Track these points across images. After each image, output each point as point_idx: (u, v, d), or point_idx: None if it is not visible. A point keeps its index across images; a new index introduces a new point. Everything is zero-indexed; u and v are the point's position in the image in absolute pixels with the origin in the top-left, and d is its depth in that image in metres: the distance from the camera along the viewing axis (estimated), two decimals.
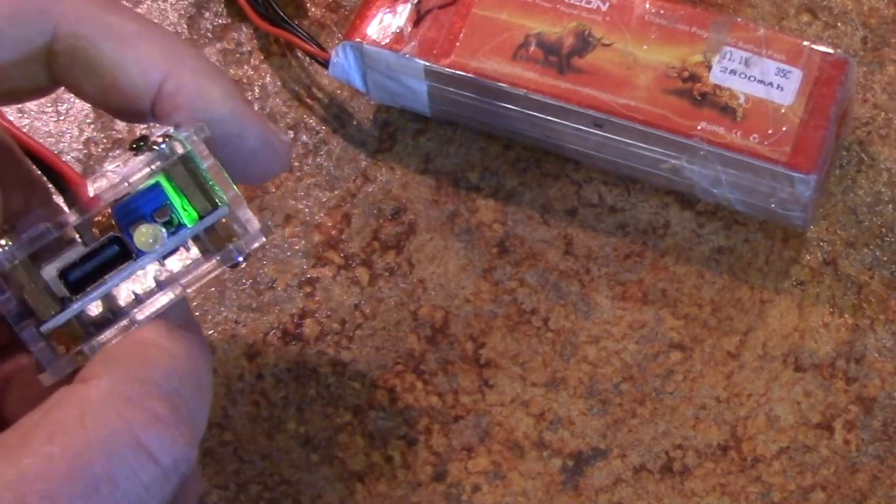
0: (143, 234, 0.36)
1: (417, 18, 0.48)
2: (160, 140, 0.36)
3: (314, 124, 0.51)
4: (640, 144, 0.46)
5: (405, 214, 0.49)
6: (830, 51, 0.46)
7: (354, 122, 0.51)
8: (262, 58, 0.52)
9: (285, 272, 0.48)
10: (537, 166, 0.49)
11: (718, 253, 0.47)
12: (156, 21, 0.51)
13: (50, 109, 0.51)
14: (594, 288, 0.47)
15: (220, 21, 0.53)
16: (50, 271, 0.36)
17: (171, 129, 0.36)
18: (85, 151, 0.51)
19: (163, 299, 0.36)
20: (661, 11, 0.47)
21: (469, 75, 0.47)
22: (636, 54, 0.46)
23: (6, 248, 0.35)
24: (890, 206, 0.48)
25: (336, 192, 0.49)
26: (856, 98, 0.49)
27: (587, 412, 0.46)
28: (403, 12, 0.48)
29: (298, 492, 0.45)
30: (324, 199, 0.49)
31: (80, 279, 0.36)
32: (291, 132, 0.51)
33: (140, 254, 0.36)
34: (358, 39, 0.48)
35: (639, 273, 0.47)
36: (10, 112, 0.51)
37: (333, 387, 0.47)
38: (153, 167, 0.36)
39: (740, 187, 0.46)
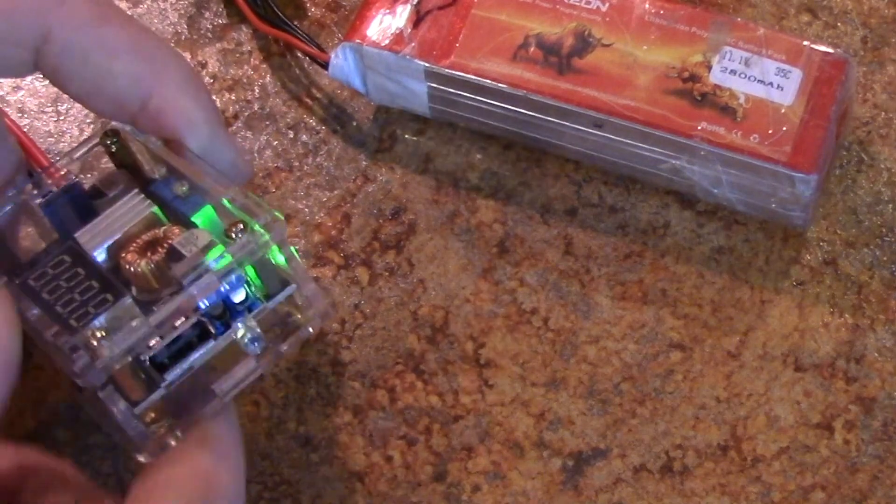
0: (242, 332, 0.38)
1: (417, 19, 0.48)
2: (236, 231, 0.38)
3: (314, 124, 0.51)
4: (640, 145, 0.46)
5: (405, 214, 0.49)
6: (830, 50, 0.46)
7: (354, 122, 0.51)
8: (262, 57, 0.52)
9: None
10: (537, 166, 0.49)
11: (718, 253, 0.47)
12: (151, 28, 0.51)
13: (50, 109, 0.52)
14: (594, 288, 0.47)
15: (219, 21, 0.53)
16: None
17: (248, 224, 0.38)
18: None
19: (240, 373, 0.39)
20: (661, 12, 0.47)
21: (469, 76, 0.47)
22: (636, 54, 0.46)
23: (110, 353, 0.37)
24: (890, 206, 0.48)
25: (336, 192, 0.49)
26: (856, 98, 0.49)
27: (587, 412, 0.46)
28: (403, 13, 0.48)
29: (298, 492, 0.45)
30: (324, 199, 0.49)
31: (167, 360, 0.38)
32: (291, 132, 0.51)
33: (220, 332, 0.38)
34: (357, 41, 0.48)
35: (639, 273, 0.47)
36: (10, 111, 0.51)
37: (333, 387, 0.47)
38: (236, 258, 0.38)
39: (741, 187, 0.46)
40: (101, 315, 0.38)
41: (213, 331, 0.38)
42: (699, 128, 0.45)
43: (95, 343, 0.37)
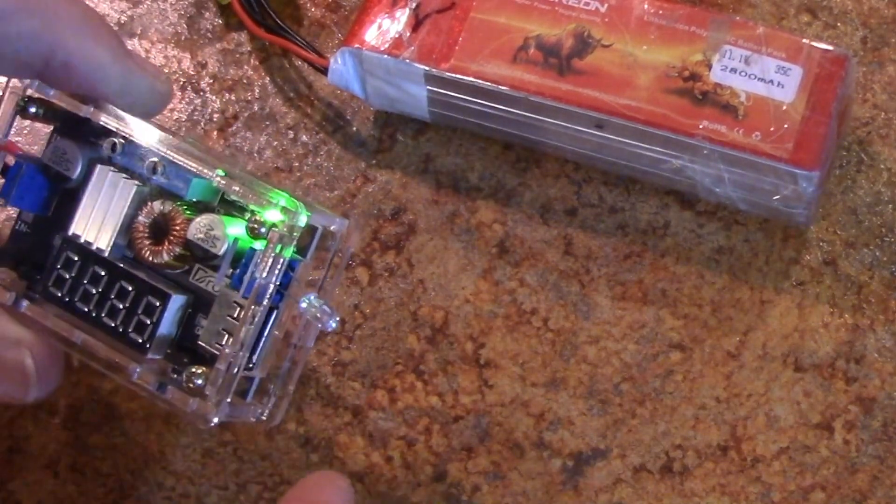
0: (313, 309, 0.39)
1: (416, 23, 0.48)
2: (259, 226, 0.38)
3: (314, 125, 0.51)
4: (641, 145, 0.46)
5: (405, 214, 0.49)
6: (830, 47, 0.46)
7: (354, 123, 0.51)
8: (262, 58, 0.52)
9: None
10: (537, 166, 0.49)
11: (718, 253, 0.47)
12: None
13: None
14: (594, 288, 0.47)
15: (219, 21, 0.53)
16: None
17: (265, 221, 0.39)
18: None
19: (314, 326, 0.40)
20: (660, 11, 0.47)
21: (469, 79, 0.47)
22: (636, 54, 0.46)
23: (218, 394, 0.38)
24: (890, 206, 0.48)
25: (336, 192, 0.49)
26: (856, 98, 0.49)
27: (587, 412, 0.46)
28: (402, 17, 0.48)
29: None
30: (324, 199, 0.49)
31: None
32: (291, 132, 0.51)
33: (277, 301, 0.39)
34: (357, 45, 0.48)
35: (639, 273, 0.47)
36: None
37: (333, 387, 0.47)
38: (278, 247, 0.38)
39: (743, 185, 0.46)
40: (161, 324, 0.39)
41: (273, 304, 0.39)
42: (700, 126, 0.45)
43: (197, 384, 0.38)
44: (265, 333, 0.39)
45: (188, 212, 0.39)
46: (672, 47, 0.46)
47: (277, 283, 0.38)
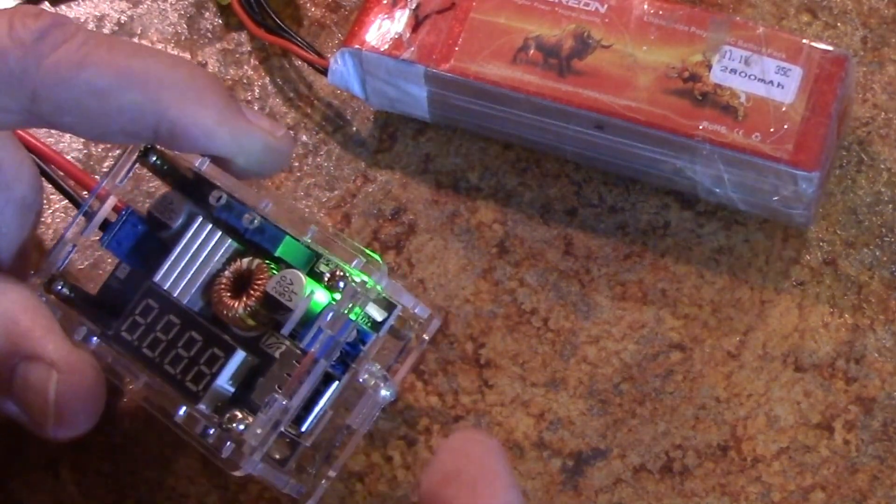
0: (372, 379, 0.40)
1: (416, 24, 0.48)
2: (338, 280, 0.39)
3: (314, 124, 0.51)
4: (641, 145, 0.46)
5: (405, 214, 0.49)
6: (830, 48, 0.46)
7: (354, 122, 0.51)
8: (262, 58, 0.52)
9: None
10: (537, 166, 0.49)
11: (718, 253, 0.47)
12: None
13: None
14: (594, 288, 0.47)
15: (219, 21, 0.53)
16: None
17: (348, 272, 0.39)
18: (85, 151, 0.51)
19: (370, 403, 0.40)
20: (660, 12, 0.47)
21: (469, 79, 0.47)
22: (636, 55, 0.46)
23: (257, 440, 0.38)
24: (890, 206, 0.48)
25: (336, 192, 0.49)
26: (856, 98, 0.49)
27: (587, 412, 0.46)
28: (402, 18, 0.48)
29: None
30: (324, 199, 0.49)
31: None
32: (291, 132, 0.51)
33: (339, 371, 0.39)
34: (357, 46, 0.48)
35: (639, 273, 0.47)
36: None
37: None
38: (348, 306, 0.39)
39: (743, 186, 0.46)
40: (219, 376, 0.39)
41: (334, 374, 0.39)
42: (700, 127, 0.45)
43: (238, 428, 0.38)
44: (321, 401, 0.39)
45: (274, 269, 0.39)
46: (672, 48, 0.46)
47: (342, 341, 0.38)
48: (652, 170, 0.47)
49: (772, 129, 0.45)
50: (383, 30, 0.48)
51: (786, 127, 0.45)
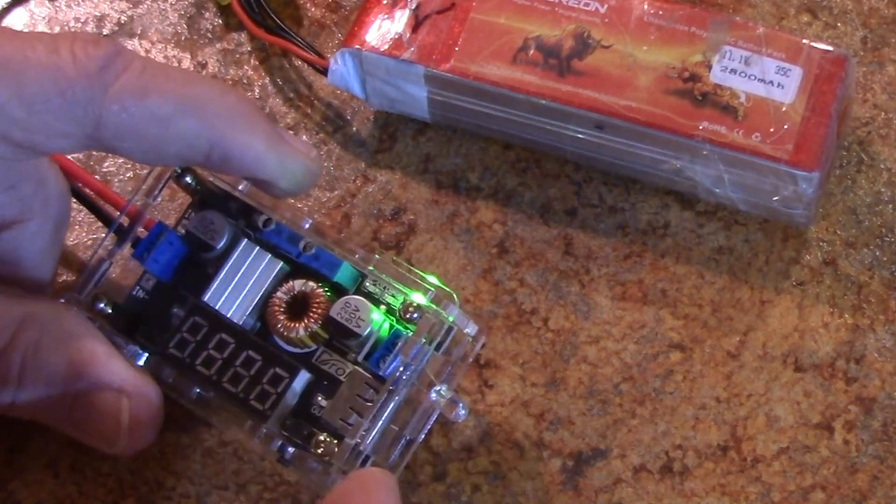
0: (442, 400, 0.41)
1: (416, 24, 0.48)
2: (412, 312, 0.41)
3: (314, 124, 0.51)
4: (641, 146, 0.46)
5: (405, 214, 0.49)
6: (830, 48, 0.46)
7: (354, 122, 0.51)
8: (262, 58, 0.52)
9: None
10: (537, 166, 0.49)
11: (718, 253, 0.47)
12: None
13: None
14: (594, 288, 0.47)
15: (219, 21, 0.53)
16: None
17: (424, 306, 0.41)
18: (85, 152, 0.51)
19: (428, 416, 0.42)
20: (660, 12, 0.47)
21: (469, 80, 0.47)
22: (636, 55, 0.46)
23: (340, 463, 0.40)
24: (890, 206, 0.48)
25: (336, 192, 0.49)
26: (856, 98, 0.49)
27: (587, 412, 0.46)
28: (402, 18, 0.48)
29: (298, 492, 0.45)
30: (324, 199, 0.49)
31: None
32: (291, 132, 0.51)
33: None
34: (357, 46, 0.48)
35: (639, 273, 0.47)
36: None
37: None
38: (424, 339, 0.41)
39: (743, 186, 0.46)
40: (286, 395, 0.41)
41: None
42: (700, 127, 0.45)
43: (323, 453, 0.40)
44: (382, 417, 0.41)
45: (329, 293, 0.41)
46: (672, 48, 0.46)
47: (420, 371, 0.40)
48: (652, 170, 0.47)
49: (772, 130, 0.45)
50: (383, 30, 0.48)
51: (786, 127, 0.45)
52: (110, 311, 0.43)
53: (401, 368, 0.41)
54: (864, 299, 0.46)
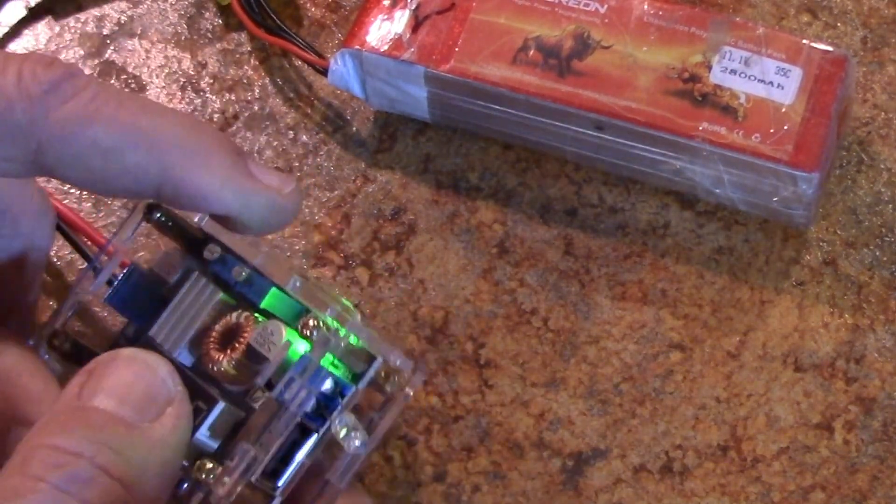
0: (343, 428, 0.39)
1: (416, 24, 0.48)
2: (311, 328, 0.38)
3: (314, 124, 0.51)
4: (641, 146, 0.46)
5: (405, 214, 0.49)
6: (830, 48, 0.46)
7: (354, 122, 0.51)
8: (262, 58, 0.52)
9: None
10: (537, 166, 0.49)
11: (718, 253, 0.47)
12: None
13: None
14: (594, 288, 0.47)
15: (219, 21, 0.53)
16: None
17: (321, 318, 0.39)
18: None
19: (349, 458, 0.39)
20: (660, 12, 0.47)
21: (469, 80, 0.47)
22: (636, 56, 0.46)
23: (225, 489, 0.38)
24: (890, 206, 0.48)
25: (336, 192, 0.49)
26: (856, 98, 0.49)
27: (587, 412, 0.46)
28: (402, 18, 0.48)
29: None
30: (324, 199, 0.49)
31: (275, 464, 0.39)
32: (291, 132, 0.51)
33: (319, 424, 0.39)
34: (357, 46, 0.48)
35: (639, 273, 0.47)
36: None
37: None
38: (315, 355, 0.38)
39: (743, 187, 0.46)
40: (202, 427, 0.38)
41: (312, 426, 0.39)
42: (700, 128, 0.45)
43: (207, 478, 0.38)
44: (298, 454, 0.38)
45: (260, 322, 0.39)
46: (672, 48, 0.46)
47: (314, 390, 0.38)
48: (651, 170, 0.47)
49: (772, 130, 0.45)
50: (383, 30, 0.48)
51: (785, 128, 0.45)
52: (70, 348, 0.41)
53: (294, 391, 0.38)
54: (864, 299, 0.46)
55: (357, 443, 0.39)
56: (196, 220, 0.40)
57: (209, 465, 0.38)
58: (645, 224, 0.48)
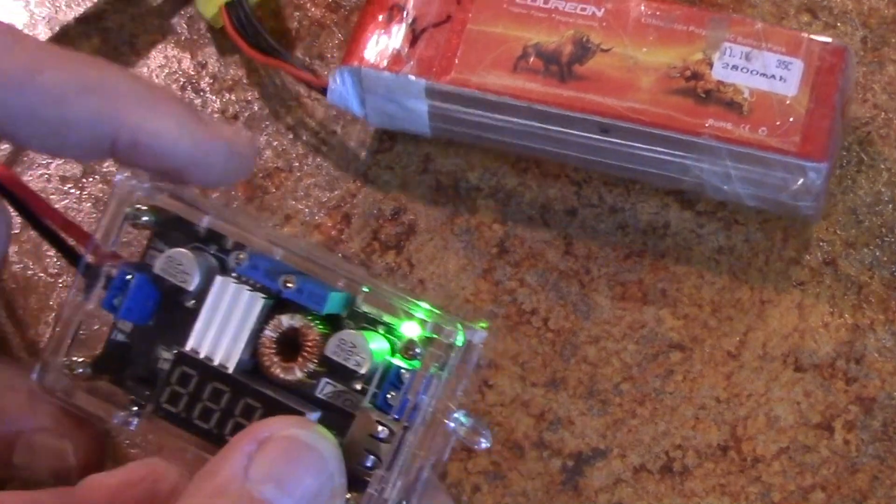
0: (457, 425, 0.38)
1: (413, 38, 0.47)
2: (413, 348, 0.37)
3: (314, 124, 0.51)
4: (647, 147, 0.46)
5: (405, 214, 0.49)
6: (828, 40, 0.46)
7: (355, 122, 0.51)
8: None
9: None
10: (537, 166, 0.49)
11: (718, 253, 0.47)
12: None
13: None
14: (594, 288, 0.47)
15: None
16: None
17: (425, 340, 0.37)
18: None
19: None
20: (658, 13, 0.47)
21: (471, 91, 0.46)
22: (636, 57, 0.46)
23: None
24: (890, 206, 0.48)
25: (336, 192, 0.49)
26: (856, 98, 0.49)
27: (587, 412, 0.46)
28: (398, 33, 0.48)
29: None
30: (324, 199, 0.49)
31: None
32: (291, 132, 0.51)
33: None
34: (355, 63, 0.47)
35: (639, 273, 0.47)
36: None
37: None
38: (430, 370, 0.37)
39: (751, 182, 0.46)
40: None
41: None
42: (706, 125, 0.45)
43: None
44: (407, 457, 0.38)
45: (320, 326, 0.38)
46: (672, 48, 0.46)
47: (434, 401, 0.37)
48: (658, 171, 0.47)
49: (777, 123, 0.45)
50: (381, 46, 0.47)
51: (791, 119, 0.45)
52: (90, 371, 0.39)
53: (414, 403, 0.37)
54: (864, 299, 0.46)
55: (485, 442, 0.38)
56: (204, 222, 0.39)
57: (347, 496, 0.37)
58: (645, 224, 0.48)
